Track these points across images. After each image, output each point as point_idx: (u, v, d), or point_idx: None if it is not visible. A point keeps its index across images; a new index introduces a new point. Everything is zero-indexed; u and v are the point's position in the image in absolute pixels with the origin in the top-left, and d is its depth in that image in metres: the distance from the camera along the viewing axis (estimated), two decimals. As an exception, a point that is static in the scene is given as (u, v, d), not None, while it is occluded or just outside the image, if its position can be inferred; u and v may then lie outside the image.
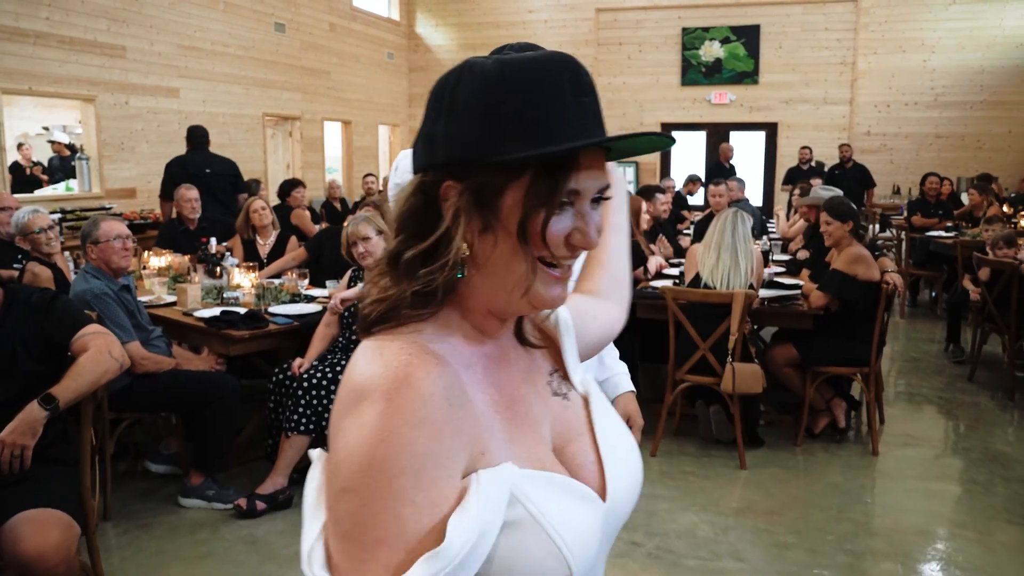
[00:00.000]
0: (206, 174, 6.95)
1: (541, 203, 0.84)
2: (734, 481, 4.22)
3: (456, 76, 0.88)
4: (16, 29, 7.55)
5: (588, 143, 0.84)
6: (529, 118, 0.83)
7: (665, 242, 6.31)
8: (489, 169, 0.84)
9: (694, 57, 13.38)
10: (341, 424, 0.80)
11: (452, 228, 0.85)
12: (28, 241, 4.26)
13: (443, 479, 0.78)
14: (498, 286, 0.88)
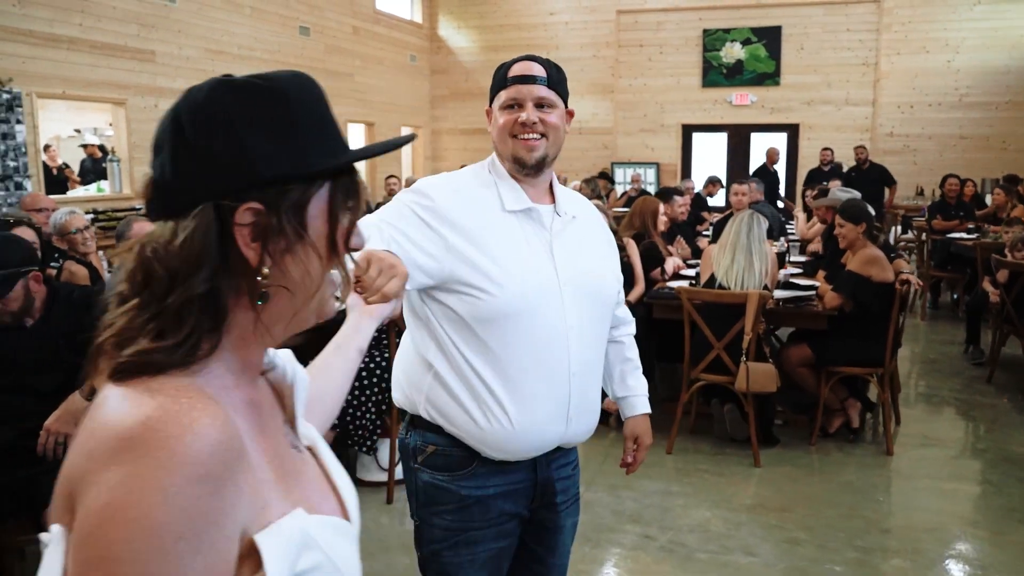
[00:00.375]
0: None
1: (344, 210, 0.86)
2: (747, 478, 4.30)
3: (222, 94, 0.83)
4: (50, 35, 7.76)
5: (381, 148, 0.91)
6: (327, 127, 0.87)
7: (683, 243, 6.38)
8: (296, 183, 0.82)
9: (715, 58, 13.42)
10: (96, 479, 0.67)
11: (254, 253, 0.79)
12: (65, 241, 4.43)
13: (223, 540, 0.70)
14: (298, 303, 0.84)
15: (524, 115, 1.72)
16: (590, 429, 1.86)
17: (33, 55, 7.57)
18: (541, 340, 1.71)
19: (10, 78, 7.25)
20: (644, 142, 13.97)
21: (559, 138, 1.77)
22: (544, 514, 1.87)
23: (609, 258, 1.94)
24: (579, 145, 14.76)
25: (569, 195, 1.91)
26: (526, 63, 1.77)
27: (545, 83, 1.74)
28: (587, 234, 1.87)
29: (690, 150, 13.98)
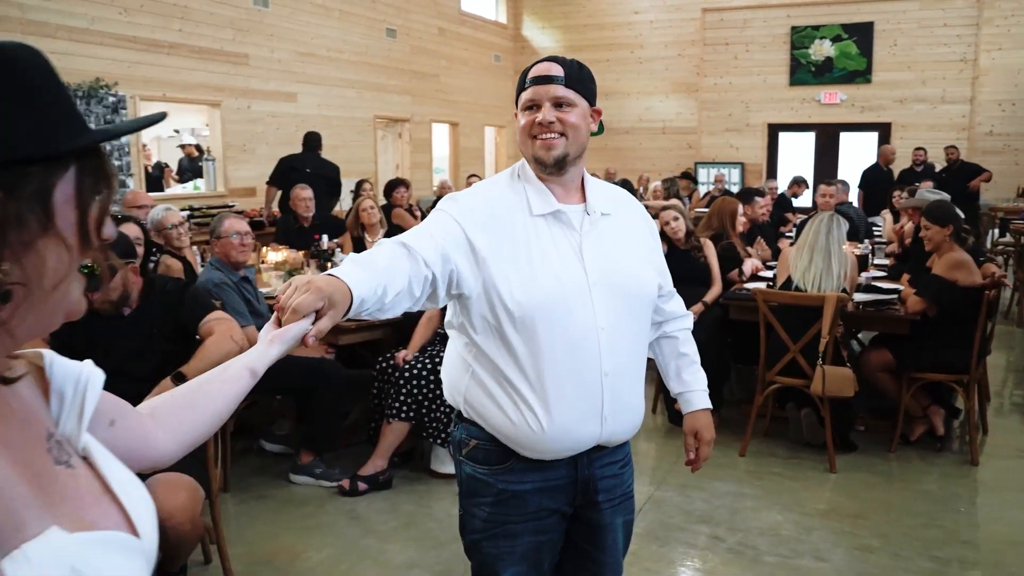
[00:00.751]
0: (307, 173, 7.73)
1: (94, 194, 0.77)
2: (822, 484, 4.23)
3: None
4: (152, 41, 8.18)
5: (128, 127, 0.85)
6: (65, 104, 0.78)
7: (763, 244, 6.29)
8: (38, 166, 0.73)
9: (803, 56, 13.12)
10: None
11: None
12: (162, 236, 4.68)
13: None
14: (44, 302, 0.76)
15: (540, 115, 1.73)
16: (631, 428, 1.87)
17: (137, 60, 8.00)
18: (571, 342, 1.71)
19: (115, 82, 7.67)
20: (729, 142, 13.76)
21: (580, 136, 1.76)
22: (589, 512, 1.87)
23: (647, 253, 1.91)
24: (662, 145, 14.66)
25: (603, 191, 1.89)
26: (545, 64, 1.78)
27: (562, 82, 1.74)
28: (621, 230, 1.85)
29: (776, 150, 13.70)
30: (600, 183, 1.92)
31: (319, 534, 3.64)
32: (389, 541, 3.58)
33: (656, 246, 1.96)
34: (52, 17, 7.18)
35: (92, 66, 7.52)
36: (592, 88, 1.80)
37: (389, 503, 3.95)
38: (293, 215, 6.78)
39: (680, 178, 12.37)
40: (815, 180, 12.63)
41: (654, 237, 1.96)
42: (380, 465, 4.08)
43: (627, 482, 1.94)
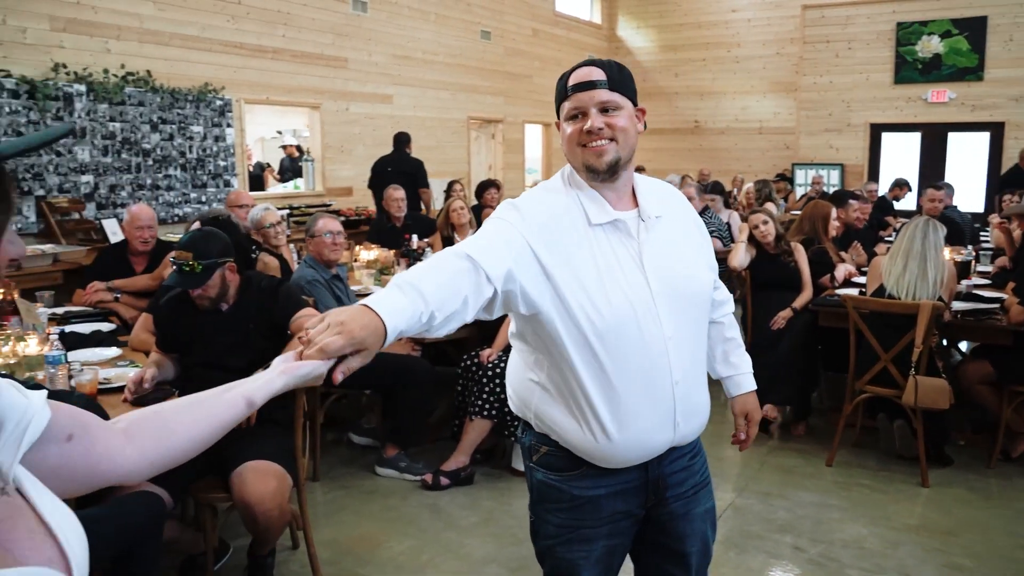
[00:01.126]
0: (389, 172, 8.17)
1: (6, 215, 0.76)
2: (912, 498, 4.10)
3: None
4: (258, 47, 8.54)
5: (35, 141, 0.85)
6: None
7: (859, 249, 6.11)
8: None
9: (910, 53, 12.61)
10: None
11: None
12: (261, 234, 4.91)
13: None
14: None
15: (588, 122, 1.68)
16: (700, 427, 1.86)
17: (243, 65, 8.37)
18: (640, 355, 1.68)
19: (223, 86, 8.04)
20: (828, 142, 13.35)
21: (630, 140, 1.71)
22: (659, 509, 1.85)
23: (699, 249, 1.86)
24: (759, 145, 14.35)
25: (651, 192, 1.83)
26: (585, 69, 1.72)
27: (606, 86, 1.69)
28: (674, 231, 1.81)
29: (878, 151, 13.21)
30: (648, 182, 1.87)
31: (401, 525, 3.76)
32: (469, 535, 3.66)
33: (704, 239, 1.92)
34: (167, 26, 7.59)
35: (202, 72, 7.91)
36: (634, 88, 1.76)
37: (470, 499, 4.04)
38: (386, 215, 6.97)
39: (775, 180, 12.10)
40: (920, 183, 12.14)
41: (700, 229, 1.92)
42: (462, 461, 4.17)
43: (699, 471, 1.91)
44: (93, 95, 6.85)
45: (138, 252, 4.63)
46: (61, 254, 5.84)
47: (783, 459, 4.58)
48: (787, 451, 4.72)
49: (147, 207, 4.68)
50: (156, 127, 7.42)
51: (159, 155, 7.48)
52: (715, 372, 2.06)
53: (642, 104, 1.78)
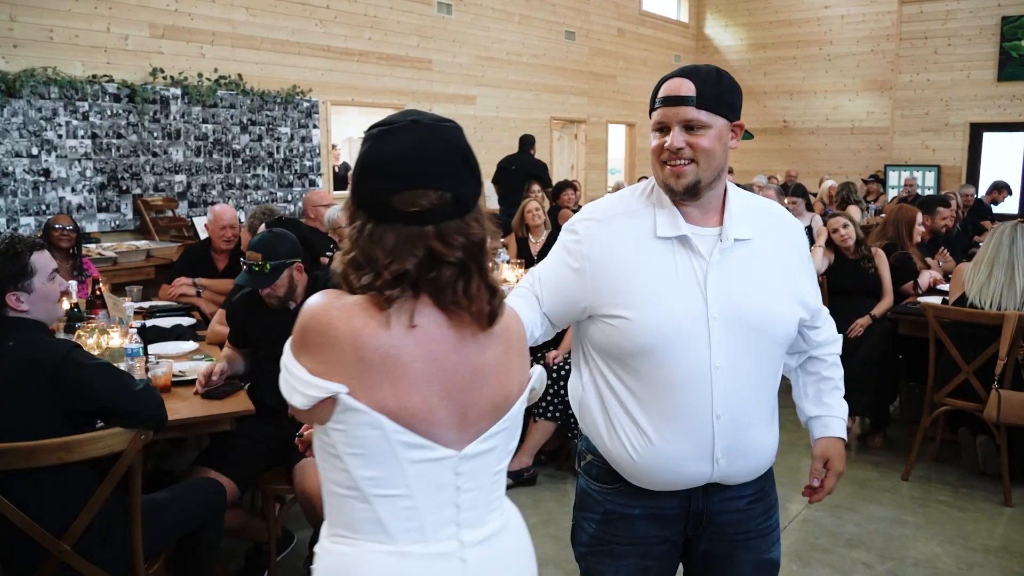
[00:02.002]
0: (512, 171, 8.90)
1: None
2: (994, 517, 3.92)
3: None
4: (344, 49, 8.77)
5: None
6: None
7: (947, 255, 5.86)
8: None
9: (1015, 49, 11.98)
10: None
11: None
12: (337, 234, 5.05)
13: None
14: None
15: (669, 140, 1.61)
16: (755, 470, 1.74)
17: (330, 67, 8.61)
18: (678, 377, 1.61)
19: (310, 88, 8.30)
20: (924, 142, 12.82)
21: (714, 161, 1.62)
22: (699, 543, 1.77)
23: (790, 284, 1.72)
24: (851, 145, 13.90)
25: (747, 213, 1.71)
26: (676, 81, 1.63)
27: (693, 103, 1.59)
28: (761, 258, 1.69)
29: (979, 152, 12.59)
30: (749, 201, 1.76)
31: (462, 523, 3.81)
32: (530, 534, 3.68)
33: (803, 272, 1.77)
34: (258, 31, 7.88)
35: (291, 74, 8.18)
36: (733, 100, 1.65)
37: (532, 499, 4.06)
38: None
39: (868, 181, 11.70)
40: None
41: (803, 262, 1.77)
42: (526, 462, 4.20)
43: (760, 518, 1.78)
44: (188, 98, 7.17)
45: (221, 250, 4.83)
46: (154, 250, 6.14)
47: (857, 471, 4.45)
48: (862, 463, 4.58)
49: (229, 207, 4.87)
50: (246, 128, 7.71)
51: (248, 155, 7.77)
52: (803, 413, 1.92)
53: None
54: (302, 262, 3.21)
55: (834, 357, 1.90)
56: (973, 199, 9.05)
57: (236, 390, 3.03)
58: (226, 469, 3.01)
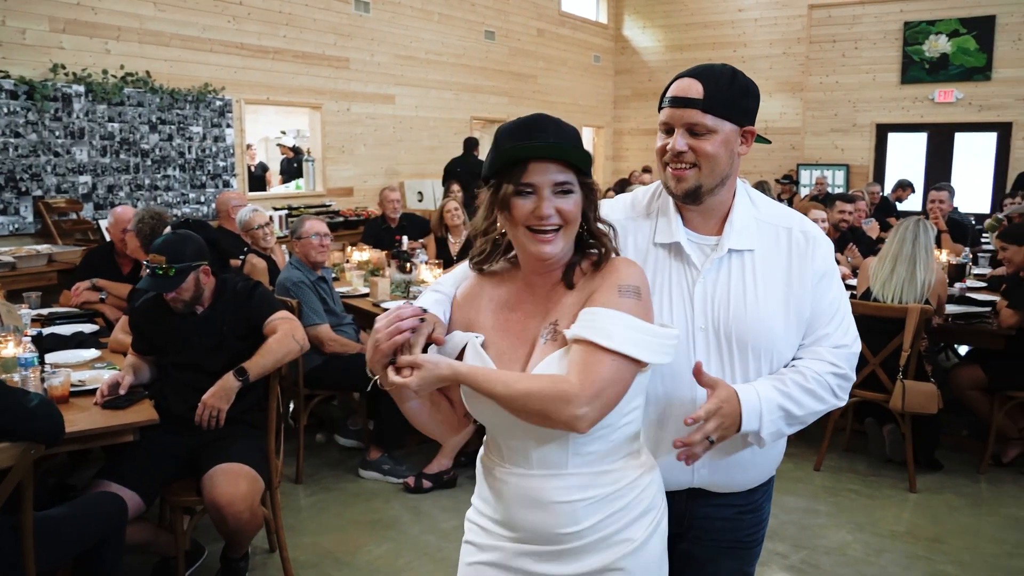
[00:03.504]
0: (457, 172, 9.21)
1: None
2: (900, 504, 4.05)
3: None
4: (259, 47, 8.55)
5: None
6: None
7: (855, 251, 6.05)
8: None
9: (917, 53, 12.50)
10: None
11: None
12: (249, 236, 4.91)
13: None
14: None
15: (671, 142, 1.59)
16: (742, 483, 1.71)
17: (243, 65, 8.39)
18: (662, 384, 1.61)
19: (223, 87, 8.06)
20: (834, 142, 13.26)
21: (717, 167, 1.58)
22: (679, 543, 1.73)
23: (789, 297, 1.62)
24: (764, 146, 14.25)
25: (751, 222, 1.65)
26: (686, 81, 1.59)
27: (700, 106, 1.55)
28: (762, 272, 1.62)
29: (884, 151, 13.10)
30: (762, 210, 1.68)
31: (382, 529, 3.75)
32: (448, 539, 3.65)
33: (805, 288, 1.63)
34: (167, 27, 7.61)
35: (202, 72, 7.93)
36: (746, 104, 1.60)
37: (452, 501, 4.02)
38: (382, 215, 6.97)
39: (781, 182, 12.03)
40: (926, 183, 12.04)
41: (815, 281, 1.64)
42: (445, 464, 4.16)
43: (746, 530, 1.76)
44: (92, 96, 6.88)
45: (123, 253, 4.64)
46: (56, 254, 5.87)
47: (772, 463, 4.54)
48: (776, 455, 4.67)
49: (130, 208, 4.69)
50: (155, 127, 7.45)
51: (158, 155, 7.51)
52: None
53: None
54: (209, 264, 3.10)
55: (806, 364, 1.64)
56: (879, 196, 9.39)
57: (139, 399, 2.90)
58: (130, 482, 2.88)
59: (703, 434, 1.50)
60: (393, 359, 1.40)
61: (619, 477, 1.51)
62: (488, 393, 1.39)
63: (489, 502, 1.59)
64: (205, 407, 2.92)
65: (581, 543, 1.49)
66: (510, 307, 1.53)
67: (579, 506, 1.48)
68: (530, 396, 1.37)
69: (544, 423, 1.40)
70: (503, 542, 1.56)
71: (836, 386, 1.64)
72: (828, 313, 1.65)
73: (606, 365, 1.38)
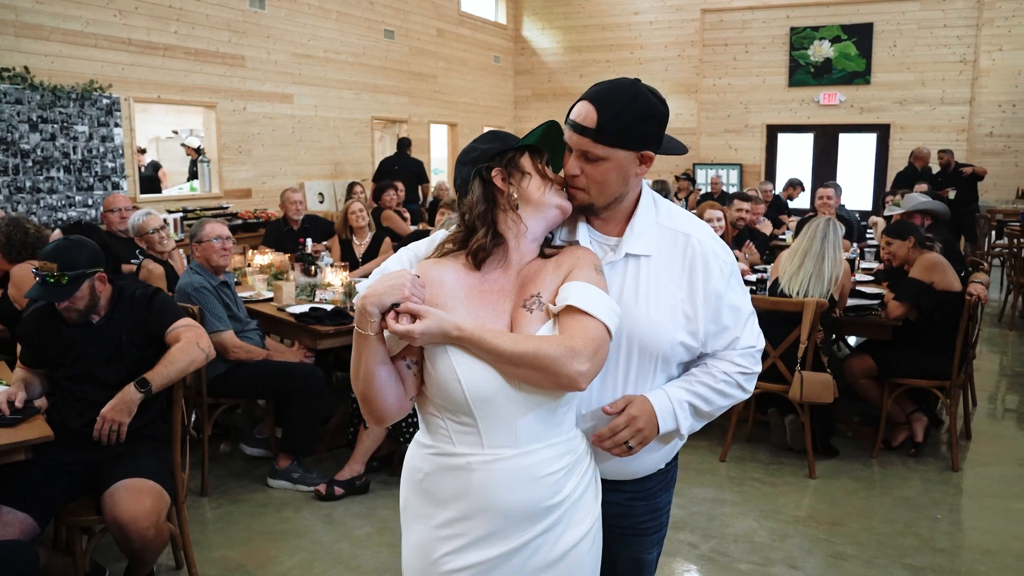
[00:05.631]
0: (396, 171, 9.81)
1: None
2: (801, 490, 4.22)
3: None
4: (148, 43, 8.21)
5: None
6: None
7: (752, 248, 6.28)
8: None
9: (803, 57, 13.08)
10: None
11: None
12: (144, 240, 4.70)
13: None
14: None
15: (566, 164, 1.67)
16: (626, 473, 1.77)
17: (132, 62, 8.03)
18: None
19: (110, 84, 7.70)
20: (728, 143, 13.74)
21: (607, 190, 1.64)
22: None
23: (682, 303, 1.68)
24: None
25: (656, 230, 1.70)
26: (583, 107, 1.61)
27: (591, 136, 1.58)
28: (655, 276, 1.68)
29: (775, 151, 13.66)
30: (664, 216, 1.73)
31: (293, 539, 3.65)
32: (362, 546, 3.59)
33: (704, 299, 1.68)
34: (47, 20, 7.21)
35: (87, 68, 7.55)
36: (644, 130, 1.61)
37: (365, 507, 3.96)
38: (284, 217, 6.80)
39: (680, 179, 12.37)
40: (814, 182, 12.61)
41: (707, 289, 1.68)
42: (357, 470, 4.08)
43: (640, 516, 1.81)
44: (-36, 93, 6.46)
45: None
46: (-72, 262, 5.47)
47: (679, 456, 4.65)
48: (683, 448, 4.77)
49: None
50: (36, 126, 7.05)
51: (39, 156, 7.11)
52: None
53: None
54: (104, 271, 2.94)
55: (714, 363, 1.74)
56: (772, 195, 9.76)
57: (32, 414, 2.73)
58: (22, 503, 2.71)
59: (614, 443, 1.64)
60: (394, 307, 1.45)
61: (580, 443, 1.65)
62: (495, 351, 1.45)
63: (455, 502, 1.56)
64: (104, 421, 2.78)
65: (560, 512, 1.57)
66: (481, 282, 1.59)
67: (559, 475, 1.57)
68: (539, 352, 1.45)
69: (547, 382, 1.47)
70: (480, 542, 1.56)
71: (743, 381, 1.77)
72: (735, 320, 1.73)
73: (598, 329, 1.51)
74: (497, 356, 1.46)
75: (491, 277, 1.60)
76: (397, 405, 1.54)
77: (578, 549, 1.61)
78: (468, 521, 1.55)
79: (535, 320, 1.54)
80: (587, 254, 1.63)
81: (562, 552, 1.58)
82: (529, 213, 1.59)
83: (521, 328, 1.54)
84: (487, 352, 1.46)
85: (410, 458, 1.67)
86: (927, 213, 5.61)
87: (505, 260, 1.60)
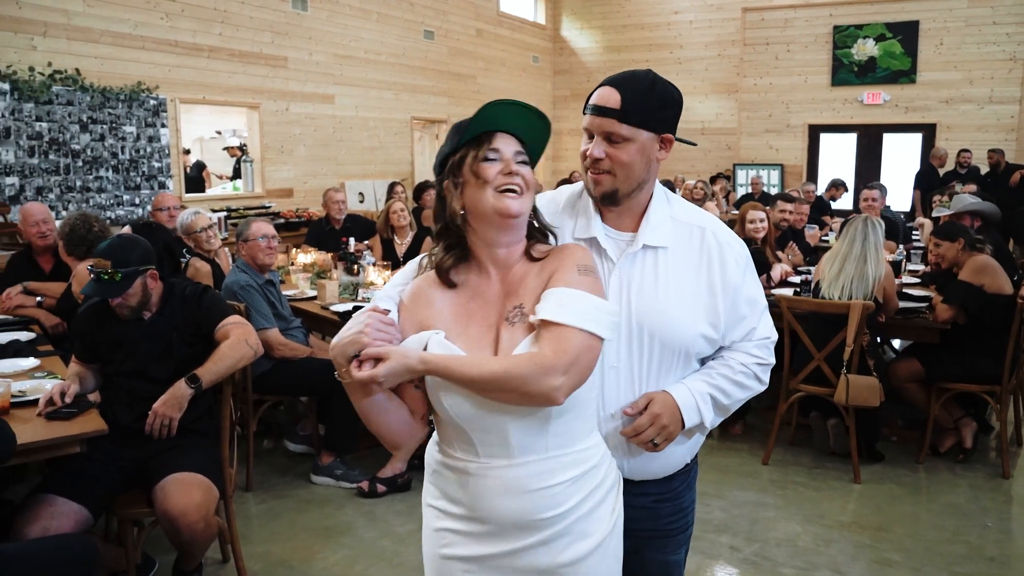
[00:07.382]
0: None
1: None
2: (845, 495, 4.17)
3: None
4: (193, 45, 8.35)
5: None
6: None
7: (795, 249, 6.20)
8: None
9: (846, 56, 12.88)
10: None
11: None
12: (191, 239, 4.78)
13: None
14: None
15: (591, 148, 1.65)
16: (653, 472, 1.76)
17: (178, 64, 8.17)
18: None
19: (156, 85, 7.84)
20: (768, 143, 13.58)
21: (633, 173, 1.64)
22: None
23: (701, 295, 1.69)
24: (701, 145, 14.50)
25: (667, 221, 1.71)
26: (606, 90, 1.64)
27: (617, 116, 1.60)
28: (675, 267, 1.68)
29: (817, 152, 13.47)
30: (679, 210, 1.75)
31: (336, 535, 3.69)
32: (404, 543, 3.61)
33: (723, 291, 1.70)
34: (97, 23, 7.37)
35: (134, 70, 7.70)
36: (663, 114, 1.65)
37: (407, 505, 3.99)
38: (327, 217, 6.87)
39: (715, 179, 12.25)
40: (857, 182, 12.43)
41: (725, 283, 1.70)
42: (399, 467, 4.12)
43: (666, 518, 1.80)
44: (18, 94, 6.62)
45: (41, 250, 4.48)
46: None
47: (720, 459, 4.62)
48: (724, 450, 4.76)
49: (38, 204, 4.56)
50: (86, 127, 7.21)
51: (89, 156, 7.26)
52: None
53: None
54: (161, 268, 3.00)
55: (733, 356, 1.76)
56: (814, 195, 9.64)
57: (87, 408, 2.79)
58: (76, 495, 2.77)
59: (639, 442, 1.67)
60: (357, 355, 1.43)
61: (592, 455, 1.58)
62: (462, 378, 1.42)
63: (458, 499, 1.58)
64: (156, 416, 2.83)
65: (563, 525, 1.53)
66: (468, 296, 1.55)
67: (560, 488, 1.52)
68: (508, 374, 1.41)
69: (522, 400, 1.43)
70: (481, 538, 1.57)
71: (760, 372, 1.79)
72: (750, 311, 1.76)
73: (576, 338, 1.44)
74: (466, 384, 1.43)
75: (475, 290, 1.56)
76: (406, 430, 1.55)
77: (586, 563, 1.56)
78: (469, 517, 1.57)
79: (518, 333, 1.50)
80: (572, 254, 1.56)
81: (568, 562, 1.55)
82: (477, 219, 1.53)
83: (505, 342, 1.50)
84: (455, 381, 1.44)
85: (428, 449, 1.70)
86: (977, 214, 5.49)
87: (482, 270, 1.57)
